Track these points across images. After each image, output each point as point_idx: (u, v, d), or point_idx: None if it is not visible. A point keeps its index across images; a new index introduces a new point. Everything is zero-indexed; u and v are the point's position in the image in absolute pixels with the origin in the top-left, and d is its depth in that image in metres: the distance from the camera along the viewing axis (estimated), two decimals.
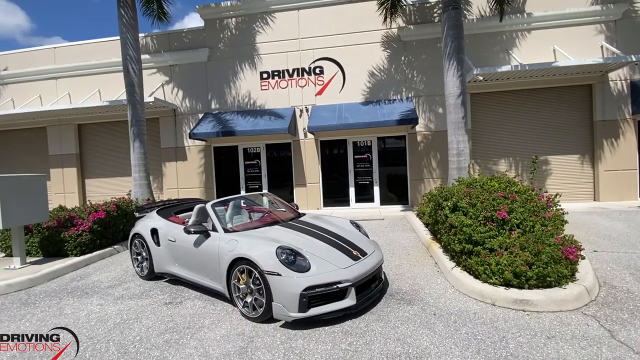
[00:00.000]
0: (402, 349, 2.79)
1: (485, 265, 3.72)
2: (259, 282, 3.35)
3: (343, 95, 10.53)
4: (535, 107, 10.09)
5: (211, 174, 11.44)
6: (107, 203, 6.86)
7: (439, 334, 2.99)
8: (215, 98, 11.21)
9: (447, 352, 2.70)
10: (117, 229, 6.78)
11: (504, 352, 2.66)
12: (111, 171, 12.22)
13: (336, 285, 3.22)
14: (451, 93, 7.43)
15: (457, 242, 4.19)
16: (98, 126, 12.21)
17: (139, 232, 4.94)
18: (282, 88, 10.80)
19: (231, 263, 3.56)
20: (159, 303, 4.05)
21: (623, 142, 9.57)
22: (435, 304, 3.60)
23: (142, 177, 8.57)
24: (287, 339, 3.05)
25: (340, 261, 3.45)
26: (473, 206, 4.39)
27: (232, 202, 4.72)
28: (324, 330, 3.16)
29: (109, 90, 11.59)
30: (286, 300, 3.15)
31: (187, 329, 3.35)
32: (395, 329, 3.13)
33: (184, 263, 4.34)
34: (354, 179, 10.75)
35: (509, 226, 4.18)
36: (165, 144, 11.49)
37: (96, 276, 5.25)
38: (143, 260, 4.94)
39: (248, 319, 3.45)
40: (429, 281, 4.27)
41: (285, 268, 3.21)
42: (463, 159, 7.43)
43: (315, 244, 3.69)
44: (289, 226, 4.23)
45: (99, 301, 4.22)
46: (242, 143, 11.23)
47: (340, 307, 3.23)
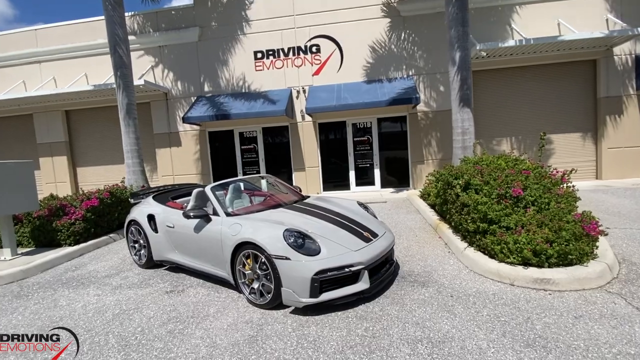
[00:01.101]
0: (423, 333, 2.63)
1: (502, 244, 3.55)
2: (265, 267, 3.16)
3: (341, 74, 10.17)
4: (537, 84, 9.83)
5: (207, 159, 11.12)
6: (100, 190, 6.57)
7: (460, 317, 2.83)
8: (208, 80, 10.77)
9: (471, 336, 2.54)
10: (112, 217, 6.52)
11: (531, 334, 2.51)
12: (104, 159, 11.83)
13: (348, 268, 3.03)
14: (455, 68, 7.13)
15: (470, 222, 4.01)
16: (87, 112, 11.73)
17: (135, 218, 4.70)
18: (277, 68, 10.39)
19: (235, 248, 3.34)
20: (159, 292, 3.85)
21: (627, 119, 9.40)
22: (450, 286, 3.45)
23: (136, 163, 8.25)
24: (299, 325, 2.88)
25: (351, 243, 3.26)
26: (486, 184, 4.19)
27: (231, 185, 4.47)
28: (337, 316, 2.99)
29: (96, 74, 11.07)
30: (296, 285, 2.96)
31: (191, 318, 3.16)
32: (412, 312, 2.96)
33: (185, 249, 4.12)
34: (354, 162, 10.51)
35: (524, 204, 4.01)
36: (158, 129, 11.09)
37: (92, 266, 5.02)
38: (141, 248, 4.72)
39: (255, 306, 3.27)
40: (441, 262, 4.11)
41: (294, 251, 3.00)
42: (468, 138, 7.21)
43: (324, 226, 3.48)
44: (295, 208, 4.01)
45: (96, 291, 4.01)
46: (238, 127, 10.87)
47: (353, 291, 3.05)
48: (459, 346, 2.43)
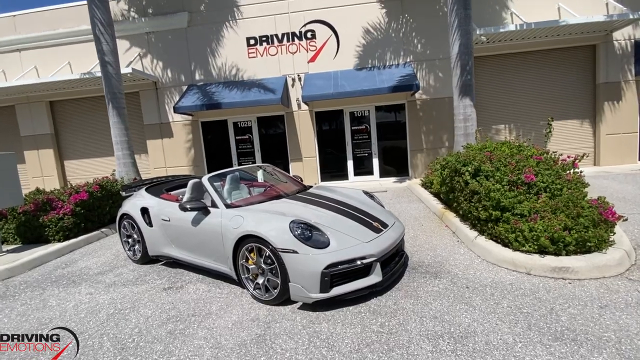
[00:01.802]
0: (443, 328, 2.47)
1: (517, 232, 3.41)
2: (271, 262, 2.96)
3: (337, 61, 9.87)
4: (536, 70, 9.69)
5: (200, 150, 10.78)
6: (89, 184, 6.26)
7: (479, 309, 2.68)
8: (199, 68, 10.37)
9: (495, 330, 2.40)
10: (102, 211, 6.22)
11: (558, 326, 2.37)
12: (92, 151, 11.39)
13: (360, 261, 2.85)
14: (457, 53, 6.91)
15: (481, 209, 3.86)
16: (73, 102, 11.24)
17: (127, 212, 4.44)
18: (271, 55, 10.03)
19: (237, 241, 3.13)
20: (156, 289, 3.63)
21: (625, 105, 9.35)
22: (464, 276, 3.30)
23: (126, 155, 7.92)
24: (309, 322, 2.70)
25: (361, 234, 3.07)
26: (497, 170, 4.03)
27: (229, 175, 4.23)
28: (348, 311, 2.81)
29: (80, 62, 10.56)
30: (305, 280, 2.77)
31: (193, 316, 2.96)
32: (428, 305, 2.81)
33: (182, 244, 3.89)
34: (352, 151, 10.30)
35: (535, 190, 3.87)
36: (148, 120, 10.69)
37: (83, 262, 4.77)
38: (135, 243, 4.47)
39: (261, 302, 3.08)
40: (451, 252, 3.97)
41: (302, 244, 2.80)
42: (470, 125, 7.04)
43: (331, 217, 3.28)
44: (298, 199, 3.80)
45: (88, 290, 3.77)
46: (232, 117, 10.54)
47: (365, 284, 2.88)
48: (483, 341, 2.28)
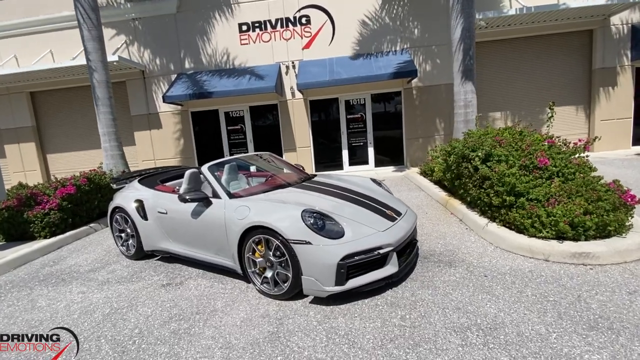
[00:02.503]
0: (468, 319, 2.33)
1: (533, 218, 3.29)
2: (280, 254, 2.76)
3: (333, 48, 9.58)
4: (532, 56, 9.59)
5: (190, 142, 10.42)
6: (76, 177, 5.91)
7: (503, 299, 2.55)
8: (189, 56, 9.95)
9: (524, 320, 2.26)
10: (91, 205, 5.90)
11: (590, 315, 2.25)
12: (77, 144, 10.90)
13: (377, 251, 2.68)
14: (459, 37, 6.73)
15: (493, 195, 3.73)
16: (56, 93, 10.69)
17: (120, 205, 4.16)
18: (264, 42, 9.68)
19: (243, 233, 2.92)
20: (154, 286, 3.40)
21: (620, 90, 9.35)
22: (480, 264, 3.17)
23: (114, 146, 7.54)
24: (325, 317, 2.52)
25: (376, 223, 2.90)
26: (509, 155, 3.90)
27: (227, 165, 3.99)
28: (364, 304, 2.65)
29: (62, 51, 10.02)
30: (319, 272, 2.58)
31: (197, 314, 2.75)
32: (448, 296, 2.66)
33: (180, 237, 3.66)
34: (347, 140, 10.09)
35: (547, 174, 3.75)
36: (135, 110, 10.26)
37: (72, 259, 4.49)
38: (128, 238, 4.21)
39: (269, 297, 2.89)
40: (462, 240, 3.84)
41: (316, 235, 2.61)
42: (471, 111, 6.91)
43: (343, 205, 3.09)
44: (305, 187, 3.59)
45: (80, 288, 3.52)
46: (223, 106, 10.18)
47: (382, 275, 2.71)
48: (514, 332, 2.14)
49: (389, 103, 10.01)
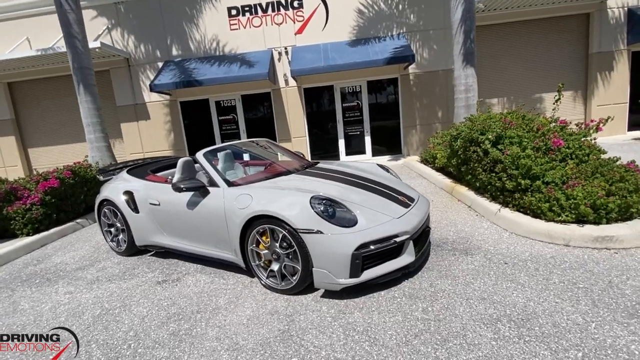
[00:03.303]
0: (496, 310, 2.15)
1: (551, 201, 3.12)
2: (287, 245, 2.54)
3: (327, 33, 9.25)
4: (529, 40, 9.42)
5: (180, 133, 10.02)
6: (60, 169, 5.54)
7: (529, 287, 2.38)
8: (176, 43, 9.49)
9: (556, 309, 2.10)
10: (77, 200, 5.55)
11: (626, 302, 2.09)
12: (61, 137, 10.37)
13: (393, 239, 2.47)
14: (460, 19, 6.50)
15: (506, 179, 3.55)
16: (35, 84, 10.12)
17: (108, 197, 3.85)
18: (255, 27, 9.28)
19: (245, 224, 2.68)
20: (149, 283, 3.14)
21: (616, 75, 9.30)
22: (497, 252, 3.00)
23: (99, 138, 7.14)
24: (339, 312, 2.32)
25: (390, 210, 2.69)
26: (522, 136, 3.72)
27: (222, 153, 3.73)
28: (381, 297, 2.45)
29: (40, 38, 9.43)
30: (332, 264, 2.37)
31: (198, 313, 2.52)
32: (470, 285, 2.48)
33: (175, 230, 3.39)
34: (344, 129, 9.84)
35: (561, 156, 3.60)
36: (121, 101, 9.78)
37: (58, 257, 4.18)
38: (118, 233, 3.92)
39: (276, 292, 2.67)
40: (474, 227, 3.67)
41: (327, 223, 2.39)
42: (472, 95, 6.73)
43: (352, 192, 2.87)
44: (309, 174, 3.36)
45: (67, 288, 3.24)
46: (214, 95, 9.79)
47: (398, 265, 2.51)
48: (549, 323, 1.97)
49: (386, 90, 9.77)
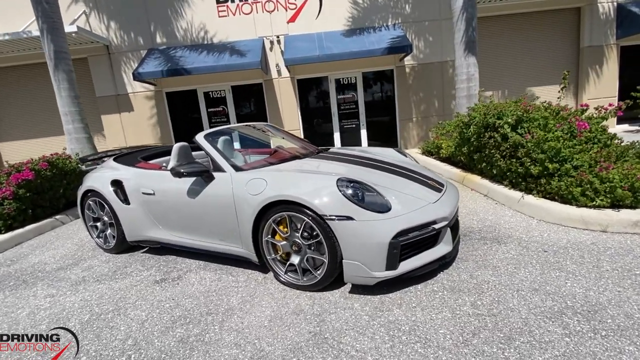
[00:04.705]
0: (555, 302, 1.91)
1: (584, 186, 2.93)
2: (309, 235, 2.23)
3: (320, 22, 8.93)
4: (521, 34, 9.40)
5: (167, 125, 9.47)
6: (35, 161, 4.99)
7: (582, 275, 2.16)
8: (160, 30, 8.93)
9: (623, 299, 1.87)
10: (55, 194, 5.02)
11: None
12: (35, 130, 9.58)
13: (431, 226, 2.20)
14: (461, 6, 6.32)
15: (530, 164, 3.35)
16: (4, 72, 9.32)
17: (92, 188, 3.41)
18: (245, 14, 8.85)
19: (260, 212, 2.34)
20: (145, 283, 2.75)
21: (606, 69, 9.41)
22: (531, 239, 2.78)
23: (79, 128, 6.57)
24: (375, 310, 2.02)
25: (423, 194, 2.41)
26: (546, 119, 3.54)
27: (222, 138, 3.34)
28: (419, 291, 2.17)
29: (8, 21, 8.67)
30: (366, 255, 2.07)
31: (208, 315, 2.17)
32: (515, 275, 2.24)
33: (174, 223, 3.01)
34: (339, 122, 9.55)
35: (583, 140, 3.43)
36: (101, 91, 9.13)
37: (35, 257, 3.70)
38: (106, 227, 3.49)
39: (297, 289, 2.35)
40: (497, 215, 3.45)
41: (359, 208, 2.09)
42: (473, 85, 6.58)
43: (379, 175, 2.58)
44: (324, 158, 3.05)
45: (48, 290, 2.81)
46: (203, 86, 9.29)
47: (436, 256, 2.24)
48: (621, 314, 1.75)
49: (381, 83, 9.54)
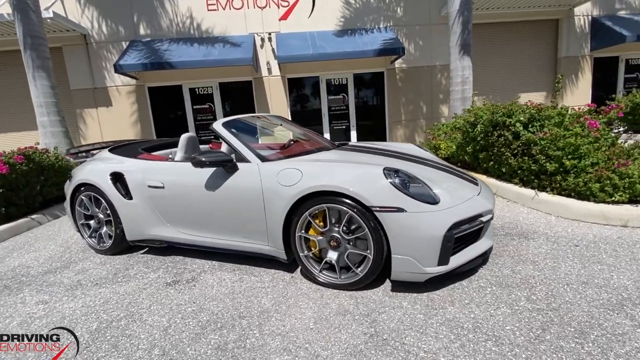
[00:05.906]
0: (610, 294, 1.87)
1: (603, 181, 2.98)
2: (349, 229, 2.08)
3: (313, 21, 8.82)
4: (501, 44, 9.77)
5: (148, 122, 8.95)
6: (9, 153, 4.46)
7: (625, 268, 2.15)
8: (144, 20, 8.46)
9: None
10: (32, 192, 4.50)
11: None
12: (5, 124, 8.74)
13: (479, 219, 2.11)
14: (457, 9, 6.44)
15: (545, 161, 3.38)
16: None
17: (87, 181, 3.05)
18: (235, 9, 8.58)
19: (294, 205, 2.16)
20: (155, 286, 2.47)
21: (581, 78, 9.98)
22: (557, 235, 2.78)
23: (55, 121, 6.02)
24: (428, 308, 1.90)
25: (465, 188, 2.33)
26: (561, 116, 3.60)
27: (241, 125, 3.07)
28: (465, 288, 2.07)
29: None
30: (418, 249, 1.94)
31: (242, 319, 1.95)
32: (557, 270, 2.20)
33: (186, 219, 2.73)
34: (329, 123, 9.45)
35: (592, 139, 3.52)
36: (76, 84, 8.49)
37: (14, 259, 3.26)
38: (100, 226, 3.14)
39: (333, 288, 2.18)
40: (512, 212, 3.45)
41: (410, 199, 1.96)
42: (468, 88, 6.70)
43: (416, 167, 2.47)
44: (350, 150, 2.90)
45: (39, 297, 2.45)
46: (188, 82, 8.88)
47: (481, 250, 2.16)
48: None
49: (372, 84, 9.54)
